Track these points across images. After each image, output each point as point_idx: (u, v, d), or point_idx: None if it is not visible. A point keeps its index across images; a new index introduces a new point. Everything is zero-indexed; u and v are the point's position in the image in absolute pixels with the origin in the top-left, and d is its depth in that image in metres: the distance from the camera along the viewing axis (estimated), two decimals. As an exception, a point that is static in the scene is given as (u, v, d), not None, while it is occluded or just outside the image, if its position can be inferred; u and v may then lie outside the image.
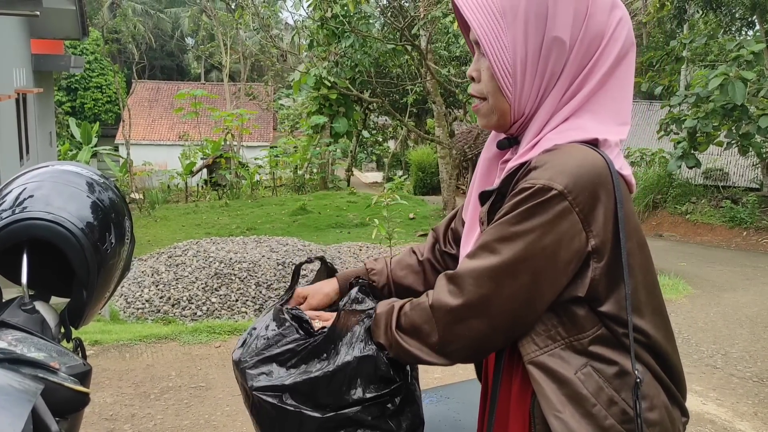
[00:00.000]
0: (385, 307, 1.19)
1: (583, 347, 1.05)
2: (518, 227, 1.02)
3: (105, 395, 3.80)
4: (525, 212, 1.01)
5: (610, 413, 1.03)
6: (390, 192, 8.65)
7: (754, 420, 3.78)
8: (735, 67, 10.53)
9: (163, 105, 33.06)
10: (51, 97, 16.47)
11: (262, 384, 1.20)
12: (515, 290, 1.03)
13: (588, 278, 1.03)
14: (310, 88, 16.87)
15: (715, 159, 17.52)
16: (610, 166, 1.03)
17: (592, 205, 1.01)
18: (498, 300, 1.04)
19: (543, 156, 1.04)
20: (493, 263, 1.03)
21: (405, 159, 27.04)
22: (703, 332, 5.54)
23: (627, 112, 1.11)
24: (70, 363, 0.92)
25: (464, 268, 1.07)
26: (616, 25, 1.08)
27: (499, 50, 1.06)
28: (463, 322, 1.06)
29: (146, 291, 7.10)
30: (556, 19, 1.04)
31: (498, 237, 1.04)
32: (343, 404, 1.17)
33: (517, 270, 1.02)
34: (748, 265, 9.77)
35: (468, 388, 1.60)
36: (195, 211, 15.24)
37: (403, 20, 13.67)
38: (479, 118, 1.17)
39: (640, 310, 1.07)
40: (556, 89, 1.07)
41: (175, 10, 42.39)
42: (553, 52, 1.05)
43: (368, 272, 1.41)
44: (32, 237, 1.02)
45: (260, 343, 1.25)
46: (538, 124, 1.09)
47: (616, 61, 1.08)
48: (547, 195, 0.99)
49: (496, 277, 1.03)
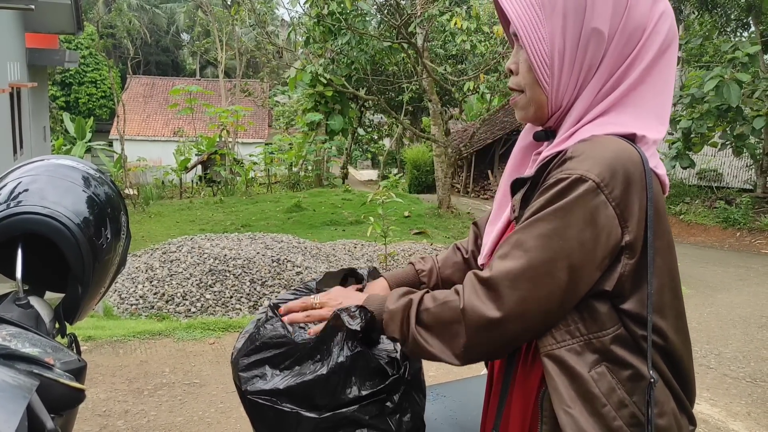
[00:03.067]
0: (400, 300, 1.13)
1: (602, 345, 1.04)
2: (555, 224, 0.99)
3: (98, 391, 3.78)
4: (561, 207, 0.99)
5: (620, 415, 1.02)
6: (385, 190, 8.64)
7: (747, 420, 3.79)
8: (730, 68, 10.56)
9: (157, 101, 32.97)
10: (45, 91, 16.39)
11: (257, 388, 1.18)
12: (552, 289, 1.00)
13: (617, 273, 1.02)
14: (305, 85, 16.83)
15: (709, 160, 17.58)
16: (644, 162, 1.02)
17: (627, 199, 0.99)
18: (535, 302, 1.00)
19: (579, 146, 1.02)
20: (530, 263, 1.00)
21: (400, 157, 27.05)
22: (697, 332, 5.56)
23: (667, 111, 1.09)
24: (65, 359, 0.92)
25: (499, 271, 1.02)
26: (658, 18, 1.06)
27: (537, 42, 1.06)
28: (497, 329, 1.02)
29: (140, 287, 7.07)
30: (595, 10, 1.03)
31: (534, 234, 1.00)
32: (341, 404, 1.15)
33: (555, 268, 0.99)
34: (742, 265, 9.81)
35: (465, 385, 1.59)
36: (189, 208, 15.20)
37: (400, 18, 13.66)
38: (517, 111, 1.16)
39: (663, 312, 1.06)
40: (594, 81, 1.06)
41: (171, 5, 42.27)
42: (591, 44, 1.04)
43: (418, 273, 1.39)
44: (27, 231, 1.01)
45: (253, 344, 1.24)
46: (575, 116, 1.08)
47: (658, 55, 1.07)
48: (583, 187, 0.97)
49: (534, 278, 1.00)
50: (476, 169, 22.74)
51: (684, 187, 16.52)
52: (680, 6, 15.84)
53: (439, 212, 14.39)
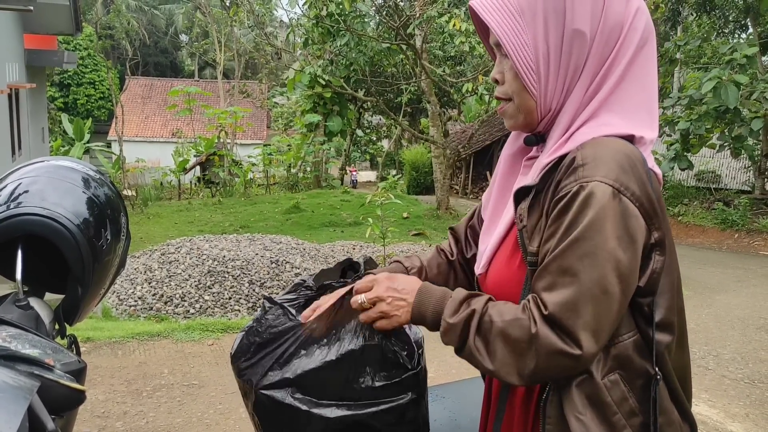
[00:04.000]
0: (460, 311, 1.07)
1: (617, 352, 1.04)
2: (594, 239, 0.97)
3: (97, 392, 3.78)
4: (594, 222, 0.97)
5: (630, 424, 1.03)
6: (384, 191, 8.63)
7: (746, 421, 3.79)
8: (728, 70, 10.57)
9: (156, 102, 32.93)
10: (43, 92, 16.37)
11: (268, 381, 1.17)
12: (611, 304, 0.98)
13: (649, 270, 1.02)
14: (304, 86, 16.82)
15: (707, 161, 17.57)
16: (645, 162, 1.03)
17: (647, 198, 1.00)
18: (600, 322, 0.98)
19: (586, 151, 1.02)
20: (584, 286, 0.97)
21: (399, 158, 27.03)
22: (695, 333, 5.56)
23: (655, 106, 1.10)
24: (65, 360, 0.92)
25: (555, 303, 0.98)
26: (634, 14, 1.08)
27: (521, 48, 1.06)
28: (574, 360, 0.99)
29: (139, 288, 7.07)
30: (575, 12, 1.04)
31: (577, 256, 0.98)
32: (354, 396, 1.14)
33: (609, 283, 0.97)
34: (740, 267, 9.82)
35: (465, 387, 1.59)
36: (188, 209, 15.18)
37: (399, 19, 13.66)
38: (506, 120, 1.16)
39: (674, 310, 1.08)
40: (581, 82, 1.07)
41: (170, 6, 42.24)
42: (574, 46, 1.05)
43: (408, 271, 1.37)
44: (27, 232, 1.01)
45: (255, 340, 1.22)
46: (566, 119, 1.08)
47: (637, 51, 1.08)
48: (606, 196, 0.97)
49: (592, 299, 0.97)
50: (475, 170, 22.73)
51: (682, 189, 16.52)
52: (679, 7, 15.86)
53: (438, 213, 14.38)
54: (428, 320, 1.11)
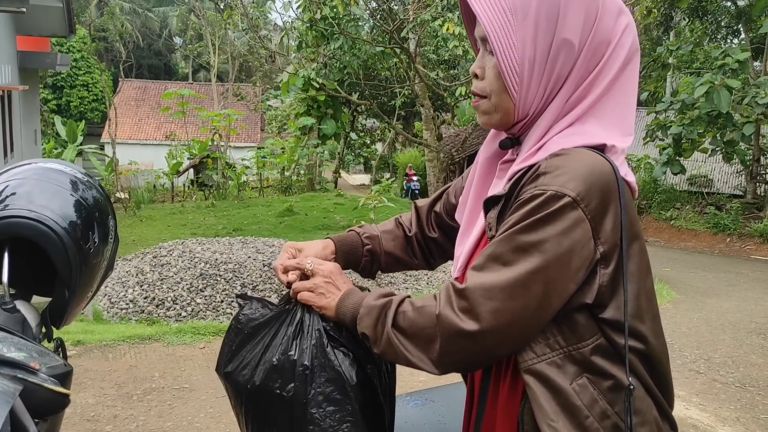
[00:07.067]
0: (380, 298, 1.12)
1: (582, 357, 1.04)
2: (532, 237, 0.99)
3: (87, 396, 3.76)
4: (538, 221, 0.98)
5: (602, 426, 1.02)
6: (377, 194, 8.64)
7: (737, 425, 3.80)
8: (720, 75, 10.65)
9: (149, 104, 32.86)
10: (36, 94, 16.31)
11: (258, 378, 1.17)
12: (527, 302, 0.99)
13: (596, 284, 1.02)
14: (298, 89, 16.83)
15: (699, 165, 17.68)
16: (616, 172, 1.02)
17: (602, 212, 1.00)
18: (510, 315, 1.00)
19: (552, 161, 1.02)
20: (506, 276, 0.99)
21: (392, 162, 27.07)
22: (687, 337, 5.58)
23: (631, 121, 1.10)
24: (51, 363, 0.91)
25: (474, 283, 1.02)
26: (622, 31, 1.07)
27: (508, 48, 1.05)
28: (471, 340, 1.02)
29: (130, 291, 7.04)
30: (567, 22, 1.03)
31: (510, 248, 1.00)
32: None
33: (531, 281, 0.99)
34: (732, 271, 9.86)
35: (453, 391, 1.59)
36: (181, 212, 15.15)
37: (393, 23, 13.69)
38: (479, 115, 1.15)
39: (641, 317, 1.06)
40: (563, 92, 1.07)
41: (163, 9, 42.20)
42: (561, 55, 1.04)
43: (360, 236, 1.41)
44: (14, 235, 1.00)
45: (239, 338, 1.22)
46: (542, 126, 1.08)
47: (622, 67, 1.07)
48: (560, 203, 0.97)
49: (509, 291, 0.99)
50: (468, 174, 22.79)
51: (674, 193, 16.60)
52: (671, 12, 15.95)
53: (431, 217, 14.39)
54: (348, 311, 1.15)
